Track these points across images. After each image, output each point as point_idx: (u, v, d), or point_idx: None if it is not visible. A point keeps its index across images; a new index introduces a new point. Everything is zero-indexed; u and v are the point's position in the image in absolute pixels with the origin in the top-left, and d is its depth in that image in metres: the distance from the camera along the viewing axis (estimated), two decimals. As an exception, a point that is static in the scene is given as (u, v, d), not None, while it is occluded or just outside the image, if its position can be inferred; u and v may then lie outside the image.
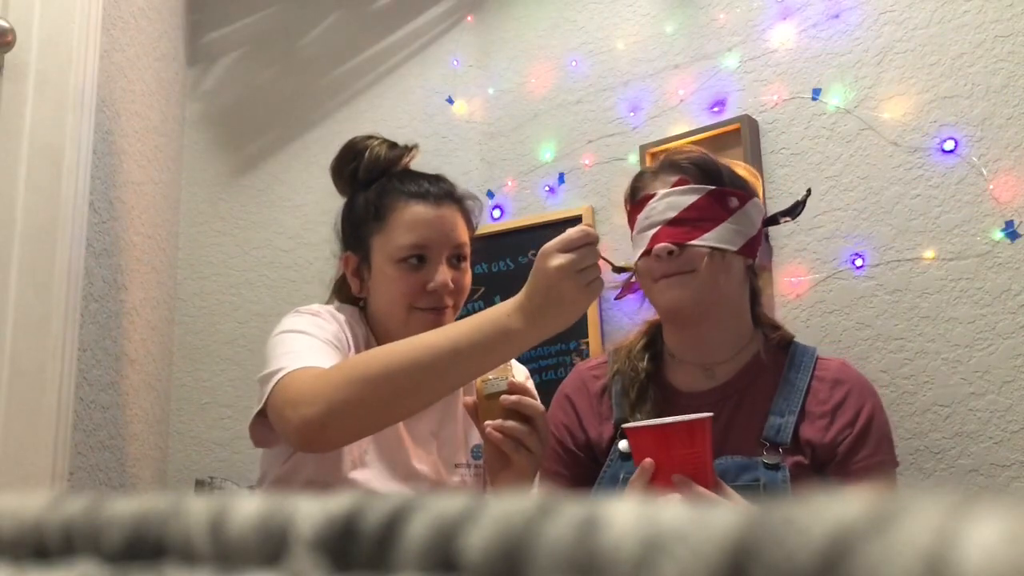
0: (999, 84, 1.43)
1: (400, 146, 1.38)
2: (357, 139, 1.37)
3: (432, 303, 1.27)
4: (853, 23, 1.58)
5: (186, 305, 2.06)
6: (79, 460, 1.36)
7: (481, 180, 1.96)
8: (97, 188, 1.45)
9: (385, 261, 1.28)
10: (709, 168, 1.17)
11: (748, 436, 1.13)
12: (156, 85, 1.85)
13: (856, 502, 0.19)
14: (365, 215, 1.31)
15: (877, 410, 1.15)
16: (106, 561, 0.29)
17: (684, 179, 1.16)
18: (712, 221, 1.14)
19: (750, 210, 1.17)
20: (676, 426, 0.94)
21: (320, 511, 0.26)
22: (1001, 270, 1.39)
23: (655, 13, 1.82)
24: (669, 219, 1.15)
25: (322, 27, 2.19)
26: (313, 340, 1.15)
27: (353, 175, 1.35)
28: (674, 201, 1.15)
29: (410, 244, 1.26)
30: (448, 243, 1.29)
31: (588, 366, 1.33)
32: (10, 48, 1.26)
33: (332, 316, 1.25)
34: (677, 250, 1.13)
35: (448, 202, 1.32)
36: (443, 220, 1.30)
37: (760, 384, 1.18)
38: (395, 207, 1.29)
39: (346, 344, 1.22)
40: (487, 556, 0.22)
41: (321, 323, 1.21)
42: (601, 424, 1.24)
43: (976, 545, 0.17)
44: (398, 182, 1.33)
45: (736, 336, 1.21)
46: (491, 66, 2.01)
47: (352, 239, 1.34)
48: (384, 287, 1.28)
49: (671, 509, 0.21)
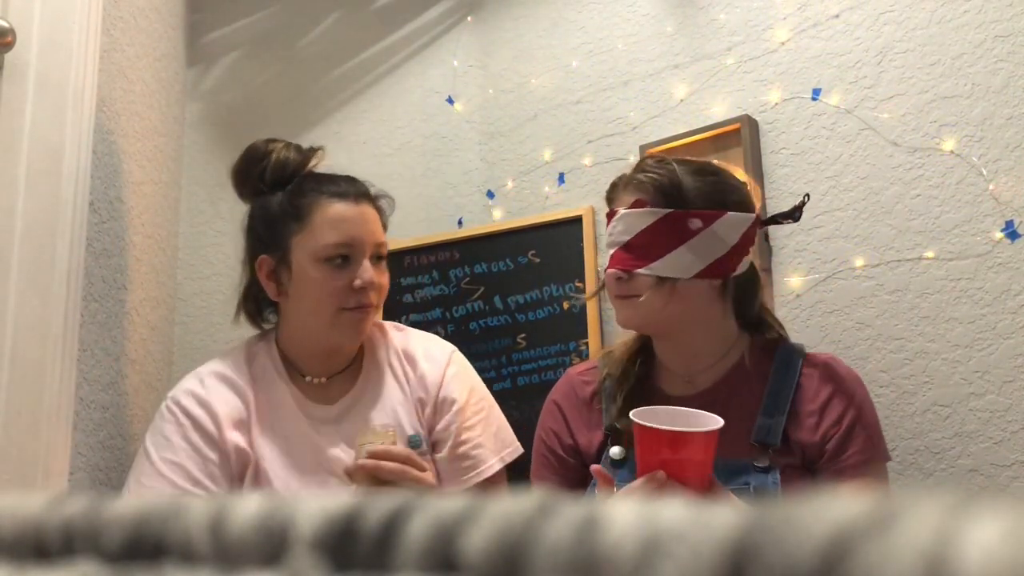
0: (999, 84, 1.43)
1: (306, 149, 1.38)
2: (259, 143, 1.37)
3: (359, 301, 1.28)
4: (853, 23, 1.58)
5: (186, 305, 2.06)
6: (79, 460, 1.36)
7: (481, 180, 1.96)
8: (97, 188, 1.45)
9: (309, 261, 1.28)
10: (670, 189, 1.15)
11: (738, 440, 1.12)
12: (156, 85, 1.85)
13: (856, 502, 0.19)
14: (283, 216, 1.31)
15: (864, 405, 1.15)
16: (106, 561, 0.29)
17: (641, 201, 1.15)
18: (663, 248, 1.13)
19: (720, 228, 1.14)
20: (697, 435, 0.93)
21: (320, 511, 0.26)
22: (1001, 270, 1.39)
23: (655, 13, 1.82)
24: (623, 242, 1.16)
25: (322, 27, 2.19)
26: (151, 468, 1.23)
27: (259, 179, 1.34)
28: (630, 224, 1.15)
29: (335, 242, 1.27)
30: (371, 241, 1.31)
31: (578, 371, 1.33)
32: (10, 48, 1.26)
33: (194, 407, 1.27)
34: (625, 276, 1.15)
35: (365, 200, 1.34)
36: (365, 218, 1.31)
37: (746, 388, 1.18)
38: (316, 206, 1.30)
39: (211, 431, 1.26)
40: (487, 556, 0.22)
41: (170, 438, 1.25)
42: (591, 431, 1.24)
43: (976, 545, 0.17)
44: (314, 182, 1.34)
45: (714, 346, 1.21)
46: (491, 66, 2.01)
47: (268, 241, 1.33)
48: (308, 288, 1.29)
49: (671, 509, 0.21)
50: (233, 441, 1.26)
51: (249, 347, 1.38)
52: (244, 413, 1.29)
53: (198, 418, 1.27)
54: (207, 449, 1.25)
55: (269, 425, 1.30)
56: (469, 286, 1.85)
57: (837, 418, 1.12)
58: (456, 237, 1.90)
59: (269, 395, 1.32)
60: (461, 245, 1.89)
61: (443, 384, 1.35)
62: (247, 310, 1.39)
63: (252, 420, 1.29)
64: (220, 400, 1.28)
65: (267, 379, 1.34)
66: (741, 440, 1.13)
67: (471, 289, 1.85)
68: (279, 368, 1.35)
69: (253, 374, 1.33)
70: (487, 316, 1.81)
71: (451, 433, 1.32)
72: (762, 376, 1.18)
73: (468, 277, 1.86)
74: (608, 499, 0.23)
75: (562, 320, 1.73)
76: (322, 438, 1.29)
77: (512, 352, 1.76)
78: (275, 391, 1.33)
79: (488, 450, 1.34)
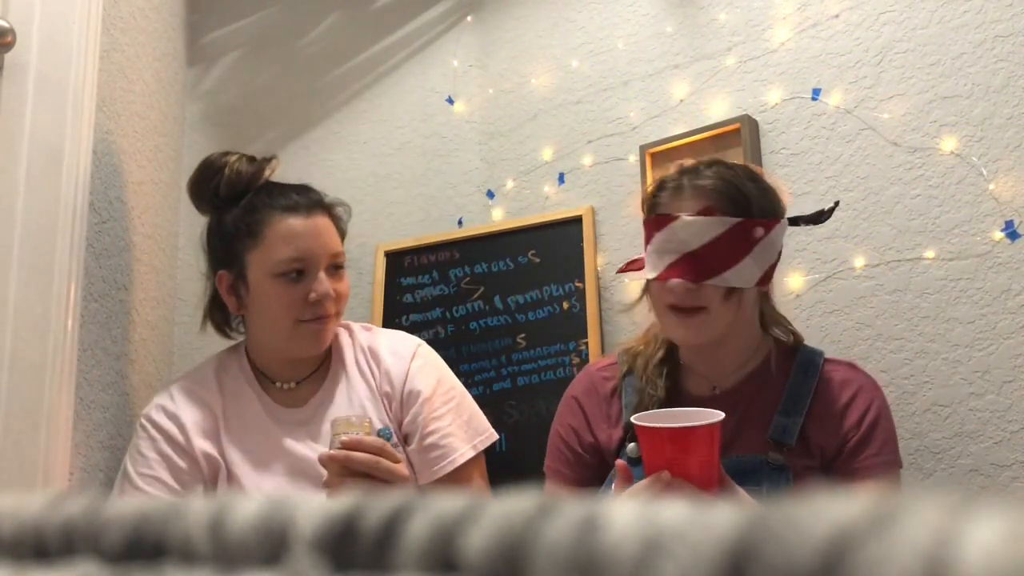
0: (999, 84, 1.43)
1: (259, 159, 1.39)
2: (213, 156, 1.39)
3: (315, 313, 1.30)
4: (853, 23, 1.58)
5: (186, 305, 2.06)
6: (79, 460, 1.36)
7: (481, 180, 1.96)
8: (97, 188, 1.45)
9: (263, 277, 1.30)
10: (738, 196, 1.11)
11: (755, 438, 1.13)
12: (156, 85, 1.85)
13: (856, 502, 0.19)
14: (236, 232, 1.33)
15: (883, 410, 1.15)
16: (106, 561, 0.29)
17: (710, 208, 1.10)
18: (733, 258, 1.09)
19: (775, 236, 1.13)
20: (699, 430, 0.93)
21: (320, 511, 0.26)
22: (1001, 270, 1.39)
23: (655, 13, 1.82)
24: (689, 251, 1.10)
25: (322, 27, 2.19)
26: (129, 484, 1.28)
27: (215, 193, 1.35)
28: (697, 231, 1.10)
29: (288, 258, 1.28)
30: (325, 252, 1.31)
31: (598, 367, 1.31)
32: (10, 48, 1.26)
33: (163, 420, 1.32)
34: (695, 287, 1.11)
35: (319, 211, 1.35)
36: (318, 230, 1.32)
37: (768, 390, 1.18)
38: (268, 222, 1.31)
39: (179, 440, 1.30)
40: (487, 556, 0.22)
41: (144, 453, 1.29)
42: (611, 428, 1.23)
43: (976, 545, 0.17)
44: (267, 196, 1.34)
45: (745, 351, 1.21)
46: (491, 66, 2.01)
47: (224, 257, 1.35)
48: (265, 303, 1.31)
49: (671, 509, 0.21)
50: (202, 448, 1.30)
51: (219, 359, 1.42)
52: (212, 421, 1.33)
53: (167, 430, 1.31)
54: (177, 458, 1.29)
55: (238, 432, 1.34)
56: (469, 286, 1.85)
57: (857, 420, 1.12)
58: (456, 237, 1.90)
59: (238, 403, 1.36)
60: (461, 245, 1.89)
61: (408, 377, 1.37)
62: (214, 320, 1.41)
63: (221, 428, 1.33)
64: (187, 411, 1.33)
65: (236, 388, 1.37)
66: (759, 439, 1.13)
67: (471, 289, 1.85)
68: (249, 376, 1.38)
69: (221, 384, 1.37)
70: (487, 316, 1.81)
71: (419, 425, 1.33)
72: (783, 378, 1.18)
73: (468, 277, 1.86)
74: (613, 499, 0.23)
75: (562, 320, 1.73)
76: (292, 441, 1.32)
77: (512, 352, 1.76)
78: (244, 399, 1.36)
79: (458, 439, 1.35)
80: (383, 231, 2.01)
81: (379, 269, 1.94)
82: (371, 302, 1.94)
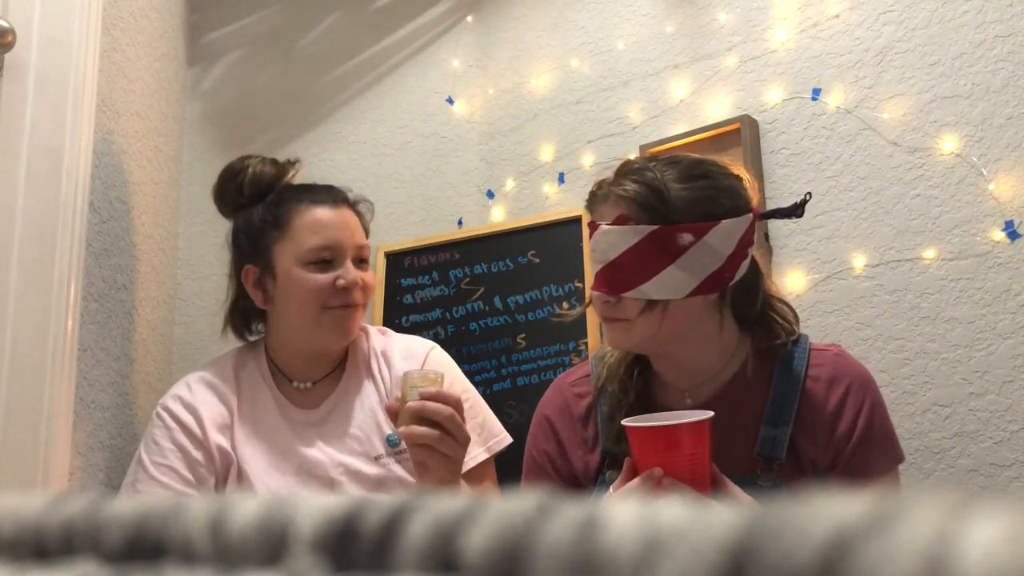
0: (999, 84, 1.43)
1: (282, 162, 1.40)
2: (235, 161, 1.41)
3: (342, 300, 1.30)
4: (853, 23, 1.58)
5: (186, 305, 2.06)
6: (79, 460, 1.36)
7: (481, 180, 1.96)
8: (97, 188, 1.45)
9: (292, 265, 1.30)
10: (654, 203, 1.03)
11: (741, 454, 1.04)
12: (156, 85, 1.85)
13: (856, 502, 0.19)
14: (263, 225, 1.34)
15: (877, 407, 1.07)
16: (106, 561, 0.29)
17: (624, 217, 1.03)
18: (651, 268, 1.02)
19: (713, 240, 1.02)
20: (685, 427, 0.92)
21: (320, 511, 0.26)
22: (1001, 270, 1.39)
23: (655, 13, 1.82)
24: (608, 261, 1.05)
25: (322, 27, 2.19)
26: (144, 473, 1.27)
27: (238, 194, 1.36)
28: (613, 241, 1.04)
29: (317, 246, 1.30)
30: (352, 243, 1.33)
31: (569, 381, 1.22)
32: (10, 48, 1.26)
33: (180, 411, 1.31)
34: (612, 299, 1.05)
35: (345, 205, 1.36)
36: (345, 221, 1.34)
37: (748, 399, 1.09)
38: (296, 213, 1.32)
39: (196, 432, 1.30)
40: (487, 556, 0.22)
41: (159, 443, 1.29)
42: (587, 454, 1.15)
43: (976, 545, 0.17)
44: (293, 192, 1.36)
45: (713, 359, 1.11)
46: (491, 66, 2.01)
47: (251, 251, 1.36)
48: (293, 291, 1.31)
49: (671, 509, 0.21)
50: (216, 442, 1.30)
51: (239, 355, 1.42)
52: (227, 417, 1.33)
53: (184, 421, 1.31)
54: (193, 449, 1.29)
55: (251, 429, 1.33)
56: (469, 286, 1.85)
57: (849, 428, 1.04)
58: (456, 237, 1.90)
59: (253, 400, 1.36)
60: (461, 245, 1.89)
61: None
62: (234, 324, 1.42)
63: (235, 424, 1.33)
64: (204, 403, 1.32)
65: (253, 385, 1.37)
66: (745, 455, 1.04)
67: (471, 289, 1.85)
68: (266, 374, 1.38)
69: (239, 380, 1.37)
70: (487, 316, 1.81)
71: None
72: (766, 382, 1.09)
73: (468, 277, 1.86)
74: (605, 499, 0.23)
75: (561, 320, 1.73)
76: (302, 441, 1.32)
77: (512, 352, 1.76)
78: (259, 397, 1.36)
79: (472, 441, 1.34)
80: (383, 231, 2.01)
81: (379, 270, 1.94)
82: (371, 303, 1.94)
